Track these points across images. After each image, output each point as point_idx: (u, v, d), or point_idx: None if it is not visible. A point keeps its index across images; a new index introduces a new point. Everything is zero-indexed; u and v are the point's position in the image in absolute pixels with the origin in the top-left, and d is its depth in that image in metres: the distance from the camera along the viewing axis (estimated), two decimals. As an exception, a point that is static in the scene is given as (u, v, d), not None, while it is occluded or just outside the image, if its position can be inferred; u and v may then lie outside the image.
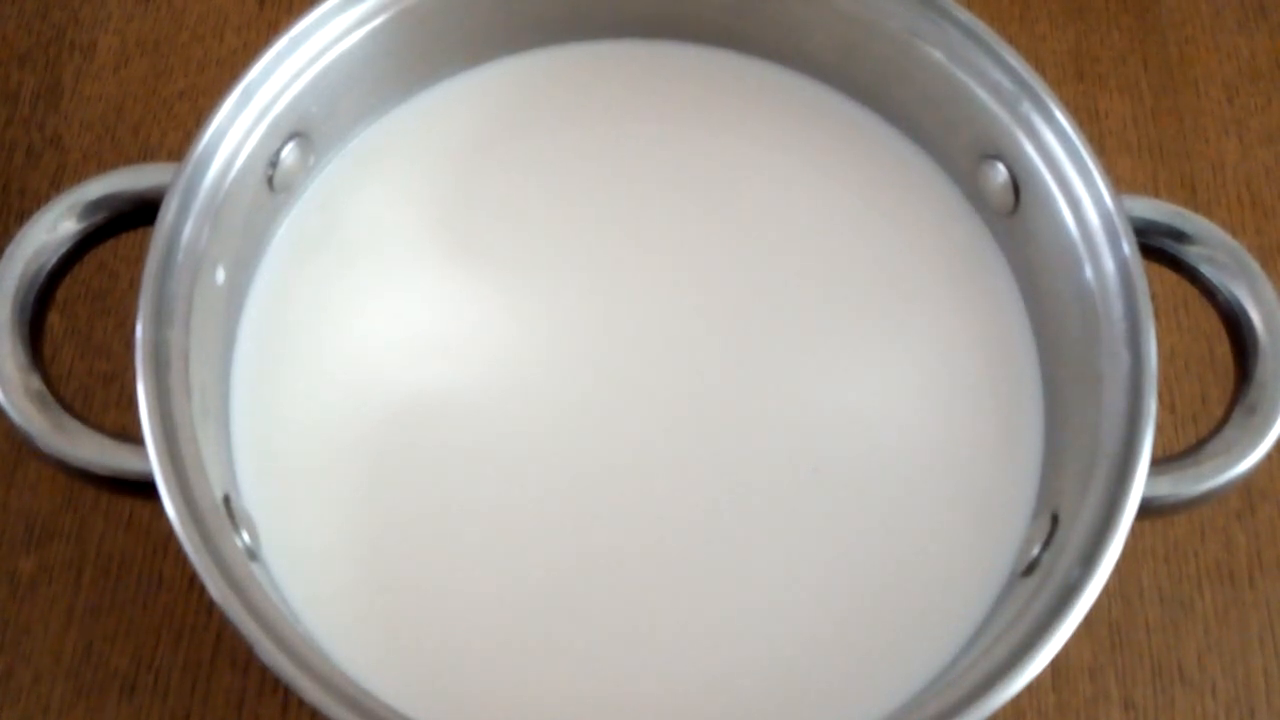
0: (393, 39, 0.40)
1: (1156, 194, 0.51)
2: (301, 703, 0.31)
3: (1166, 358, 0.48)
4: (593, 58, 0.44)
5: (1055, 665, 0.33)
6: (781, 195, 0.42)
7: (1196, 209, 0.40)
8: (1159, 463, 0.34)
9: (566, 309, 0.40)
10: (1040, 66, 0.51)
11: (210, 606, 0.43)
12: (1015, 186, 0.39)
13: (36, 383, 0.34)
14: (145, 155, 0.50)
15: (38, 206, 0.36)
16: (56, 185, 0.49)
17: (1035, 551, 0.35)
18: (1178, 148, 0.52)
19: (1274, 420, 0.35)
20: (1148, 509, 0.34)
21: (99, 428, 0.34)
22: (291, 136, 0.39)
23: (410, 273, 0.41)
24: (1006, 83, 0.38)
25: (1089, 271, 0.37)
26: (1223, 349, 0.39)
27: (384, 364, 0.39)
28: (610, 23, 0.43)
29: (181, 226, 0.35)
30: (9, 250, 0.35)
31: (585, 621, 0.36)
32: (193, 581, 0.43)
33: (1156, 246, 0.37)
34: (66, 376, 0.46)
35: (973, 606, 0.36)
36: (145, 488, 0.32)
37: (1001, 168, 0.39)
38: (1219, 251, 0.37)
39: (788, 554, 0.37)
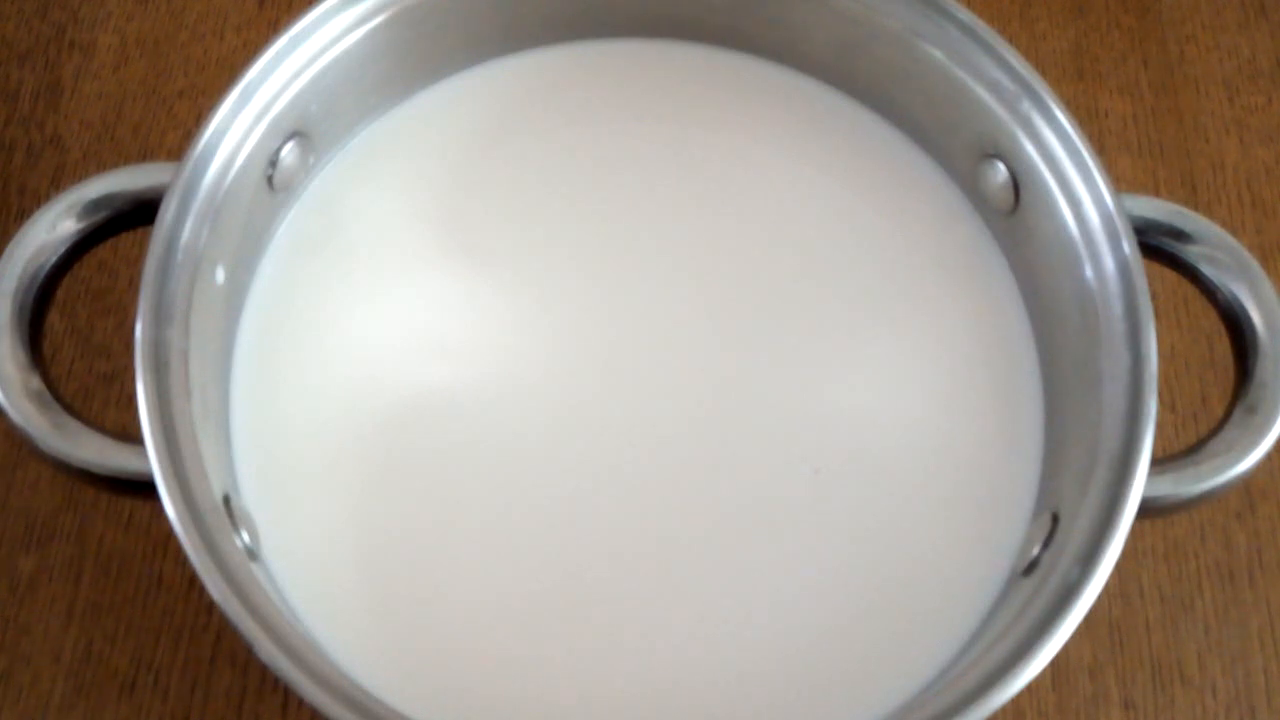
0: (393, 38, 0.40)
1: (1156, 193, 0.51)
2: (301, 703, 0.31)
3: (1166, 357, 0.48)
4: (593, 58, 0.44)
5: (1055, 665, 0.33)
6: (781, 195, 0.42)
7: (1196, 208, 0.40)
8: (1159, 462, 0.34)
9: (566, 309, 0.40)
10: (1040, 66, 0.51)
11: (210, 606, 0.43)
12: (1015, 186, 0.39)
13: (36, 383, 0.34)
14: (145, 155, 0.50)
15: (38, 206, 0.36)
16: (56, 185, 0.49)
17: (1035, 551, 0.35)
18: (1178, 147, 0.52)
19: (1274, 420, 0.35)
20: (1148, 509, 0.34)
21: (99, 428, 0.34)
22: (291, 136, 0.39)
23: (410, 273, 0.41)
24: (1006, 82, 0.38)
25: (1089, 271, 0.37)
26: (1223, 349, 0.39)
27: (384, 364, 0.39)
28: (610, 23, 0.43)
29: (181, 226, 0.36)
30: (9, 250, 0.35)
31: (585, 621, 0.36)
32: (193, 581, 0.43)
33: (1156, 246, 0.37)
34: (66, 376, 0.46)
35: (973, 606, 0.36)
36: (145, 488, 0.32)
37: (1001, 167, 0.39)
38: (1219, 251, 0.37)
39: (788, 555, 0.37)
